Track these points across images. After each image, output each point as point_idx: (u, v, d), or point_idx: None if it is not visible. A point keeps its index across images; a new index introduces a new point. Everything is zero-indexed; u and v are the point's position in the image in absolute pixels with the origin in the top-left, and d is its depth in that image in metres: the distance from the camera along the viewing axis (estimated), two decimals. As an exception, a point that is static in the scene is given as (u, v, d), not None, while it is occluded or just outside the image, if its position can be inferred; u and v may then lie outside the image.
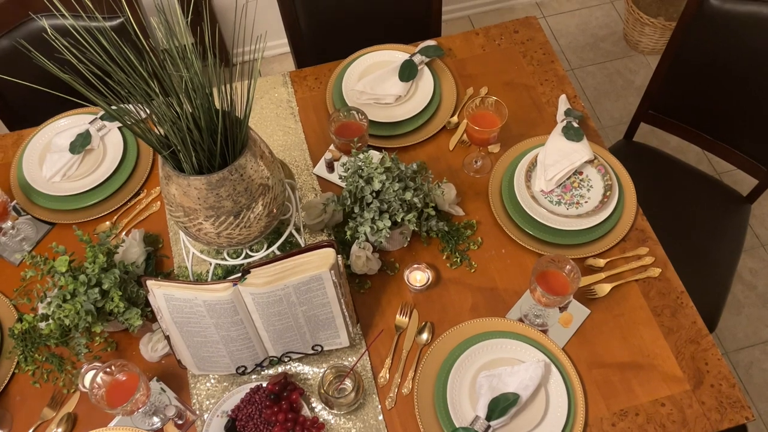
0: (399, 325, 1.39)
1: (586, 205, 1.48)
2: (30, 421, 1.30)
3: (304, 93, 1.75)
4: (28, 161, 1.58)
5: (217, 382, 1.33)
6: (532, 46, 1.80)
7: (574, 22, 3.05)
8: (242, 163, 1.04)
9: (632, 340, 1.35)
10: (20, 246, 1.49)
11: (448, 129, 1.65)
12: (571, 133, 1.52)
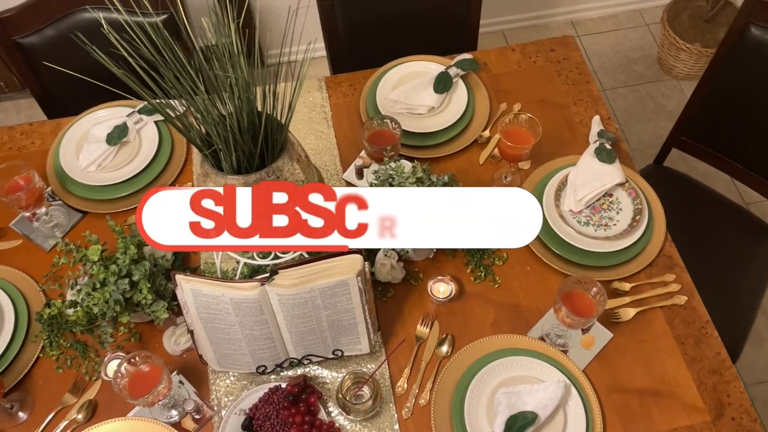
0: (419, 335, 1.39)
1: (614, 227, 1.47)
2: (51, 406, 1.32)
3: (339, 99, 1.76)
4: (65, 149, 1.61)
5: (236, 380, 1.34)
6: (568, 65, 1.79)
7: (609, 43, 3.04)
8: (279, 165, 1.05)
9: (654, 366, 1.34)
10: (52, 232, 1.52)
11: (479, 143, 1.65)
12: (603, 155, 1.52)
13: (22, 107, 2.95)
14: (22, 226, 1.54)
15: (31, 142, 1.69)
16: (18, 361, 1.35)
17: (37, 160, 1.62)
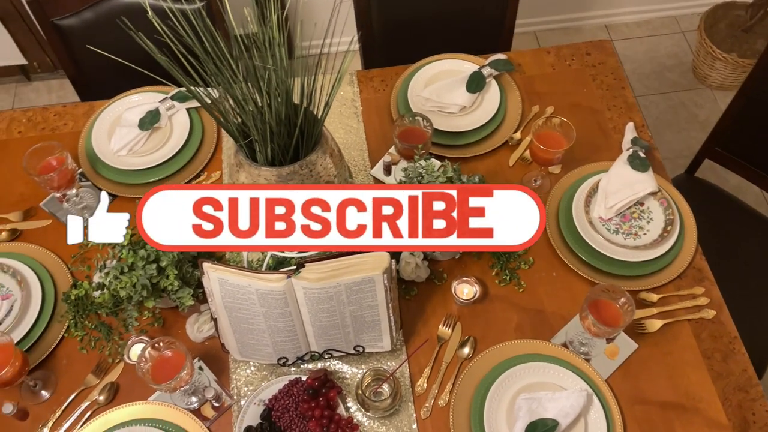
0: (441, 335, 1.38)
1: (644, 237, 1.45)
2: (73, 386, 1.33)
3: (369, 94, 1.75)
4: (97, 132, 1.62)
5: (257, 370, 1.35)
6: (603, 70, 1.77)
7: (643, 48, 3.00)
8: (313, 159, 1.05)
9: (678, 380, 1.32)
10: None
11: (509, 144, 1.64)
12: (636, 163, 1.49)
13: (54, 87, 2.98)
14: (52, 207, 1.55)
15: (64, 123, 1.70)
16: (43, 340, 1.37)
17: (70, 141, 1.63)
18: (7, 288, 1.41)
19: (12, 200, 1.57)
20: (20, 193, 1.58)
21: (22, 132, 1.69)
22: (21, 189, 1.58)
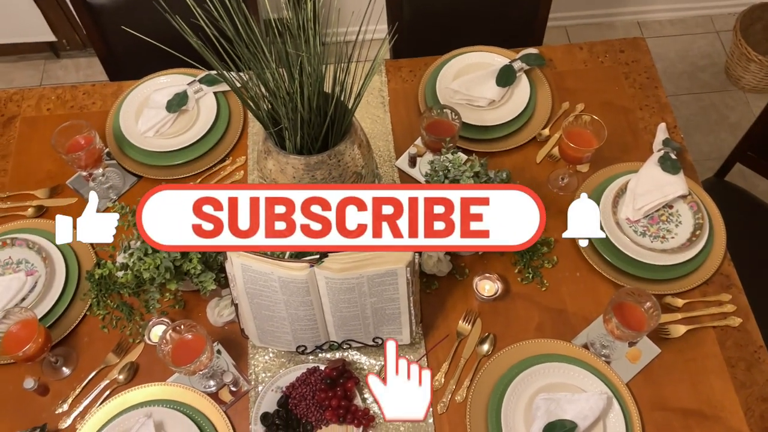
0: (461, 331, 1.37)
1: (672, 240, 1.43)
2: (94, 364, 1.34)
3: (397, 84, 1.74)
4: (125, 113, 1.62)
5: (275, 357, 1.35)
6: (637, 68, 1.74)
7: (675, 47, 2.95)
8: (341, 149, 1.04)
9: (701, 387, 1.30)
10: (106, 193, 1.54)
11: (537, 141, 1.62)
12: (667, 165, 1.47)
13: (82, 66, 3.00)
14: (78, 185, 1.56)
15: (92, 102, 1.71)
16: (65, 317, 1.38)
17: (97, 120, 1.64)
18: (32, 264, 1.42)
19: (39, 177, 1.58)
20: (47, 170, 1.59)
21: (51, 109, 1.70)
22: (48, 166, 1.59)
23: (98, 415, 1.27)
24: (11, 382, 1.32)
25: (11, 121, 1.67)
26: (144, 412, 1.25)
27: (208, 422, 1.26)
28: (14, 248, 1.43)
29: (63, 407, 1.30)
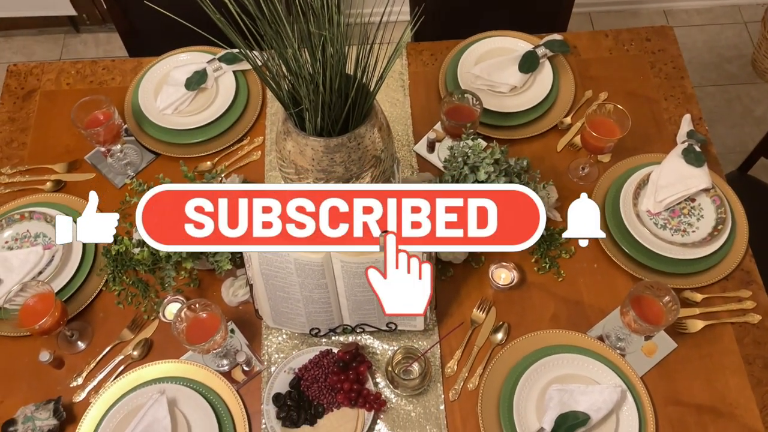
0: (475, 319, 1.37)
1: (693, 234, 1.40)
2: (109, 339, 1.35)
3: (418, 67, 1.72)
4: (144, 89, 1.62)
5: (288, 338, 1.35)
6: (663, 58, 1.70)
7: (702, 37, 2.89)
8: (362, 132, 1.02)
9: (716, 384, 1.29)
10: (124, 170, 1.54)
11: (559, 129, 1.59)
12: (691, 157, 1.44)
13: (101, 41, 3.00)
14: (96, 160, 1.56)
15: (112, 78, 1.71)
16: (81, 292, 1.39)
17: (116, 96, 1.63)
18: (50, 238, 1.43)
19: (58, 151, 1.58)
20: (66, 145, 1.59)
21: (70, 84, 1.70)
22: (67, 141, 1.60)
23: (112, 390, 1.28)
24: (27, 355, 1.33)
25: (31, 95, 1.67)
26: (157, 388, 1.26)
27: (220, 401, 1.27)
28: (32, 222, 1.44)
29: (77, 381, 1.31)
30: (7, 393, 1.30)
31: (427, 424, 1.26)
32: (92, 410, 1.26)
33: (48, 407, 1.23)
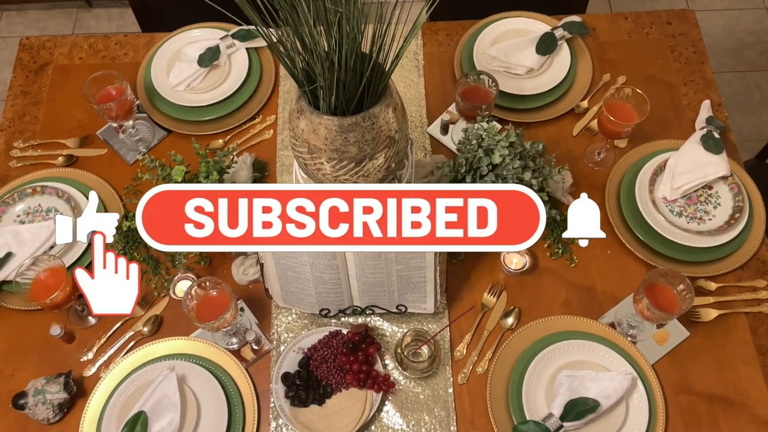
0: (485, 303, 1.36)
1: (709, 222, 1.39)
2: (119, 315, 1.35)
3: (433, 47, 1.69)
4: (156, 65, 1.60)
5: (298, 318, 1.35)
6: (683, 42, 1.67)
7: (721, 22, 2.83)
8: (376, 112, 1.01)
9: (728, 374, 1.28)
10: (136, 146, 1.54)
11: (575, 113, 1.57)
12: (710, 144, 1.41)
13: (114, 16, 2.98)
14: (108, 136, 1.56)
15: (124, 53, 1.69)
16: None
17: (129, 72, 1.62)
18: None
19: (70, 126, 1.58)
20: (78, 120, 1.59)
21: (83, 58, 1.69)
22: (79, 115, 1.59)
23: (122, 366, 1.28)
24: (38, 329, 1.34)
25: (43, 69, 1.67)
26: (167, 365, 1.26)
27: (229, 378, 1.27)
28: (44, 196, 1.44)
29: (88, 355, 1.32)
30: (18, 366, 1.31)
31: (435, 407, 1.26)
32: (102, 385, 1.26)
33: (59, 381, 1.24)
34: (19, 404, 1.22)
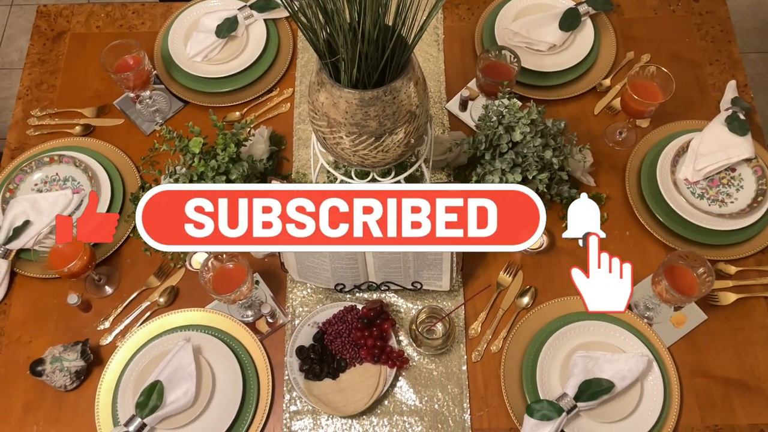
0: (501, 282, 1.35)
1: (731, 205, 1.36)
2: (135, 285, 1.36)
3: (453, 22, 1.66)
4: (174, 35, 1.59)
5: (313, 293, 1.35)
6: (710, 20, 1.63)
7: (747, 1, 2.76)
8: (397, 86, 0.99)
9: (745, 358, 1.27)
10: (152, 116, 1.53)
11: (597, 91, 1.54)
12: (735, 125, 1.39)
13: (130, -15, 2.95)
14: (125, 106, 1.55)
15: (141, 22, 1.68)
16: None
17: (146, 41, 1.60)
18: (79, 182, 1.43)
19: (88, 95, 1.57)
20: (95, 89, 1.58)
21: (100, 27, 1.67)
22: (96, 85, 1.58)
23: (138, 335, 1.29)
24: (56, 297, 1.35)
25: (61, 37, 1.66)
26: (183, 335, 1.27)
27: (244, 350, 1.28)
28: (61, 165, 1.44)
29: (105, 324, 1.33)
30: (36, 333, 1.32)
31: (448, 384, 1.26)
32: (119, 354, 1.28)
33: (76, 349, 1.25)
34: (36, 371, 1.23)
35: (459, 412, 1.24)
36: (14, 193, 1.41)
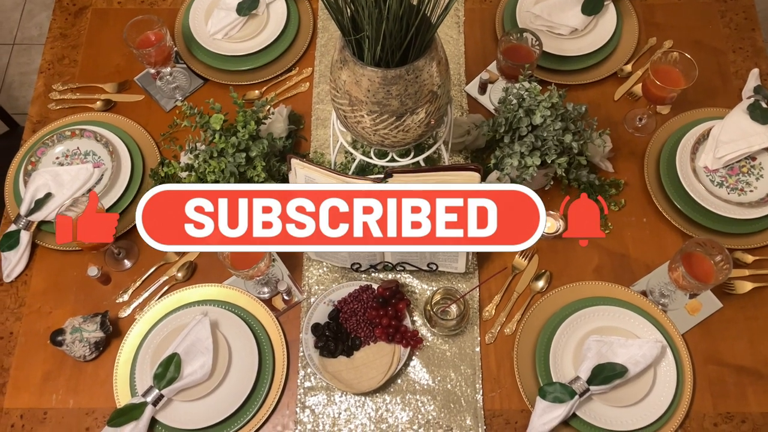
0: (516, 266, 1.35)
1: (750, 194, 1.36)
2: (154, 260, 1.38)
3: (474, 4, 1.66)
4: (195, 12, 1.59)
5: (329, 271, 1.36)
6: (734, 7, 1.61)
7: (772, -11, 2.72)
8: (420, 65, 0.99)
9: (760, 347, 1.27)
10: (173, 93, 1.54)
11: (618, 77, 1.53)
12: (757, 114, 1.37)
13: (149, -37, 2.94)
14: (145, 82, 1.56)
15: (162, -1, 1.68)
16: (129, 212, 1.40)
17: (167, 18, 1.61)
18: (99, 157, 1.44)
19: (109, 71, 1.58)
20: (116, 65, 1.59)
21: (121, 3, 1.68)
22: (117, 60, 1.59)
23: (157, 309, 1.31)
24: (76, 269, 1.37)
25: (82, 12, 1.66)
26: (200, 310, 1.29)
27: (260, 326, 1.29)
28: (83, 139, 1.45)
29: (123, 297, 1.35)
30: (56, 304, 1.35)
31: (461, 365, 1.27)
32: (137, 326, 1.29)
33: (95, 320, 1.27)
34: (57, 340, 1.26)
35: (471, 393, 1.25)
36: (36, 165, 1.43)
